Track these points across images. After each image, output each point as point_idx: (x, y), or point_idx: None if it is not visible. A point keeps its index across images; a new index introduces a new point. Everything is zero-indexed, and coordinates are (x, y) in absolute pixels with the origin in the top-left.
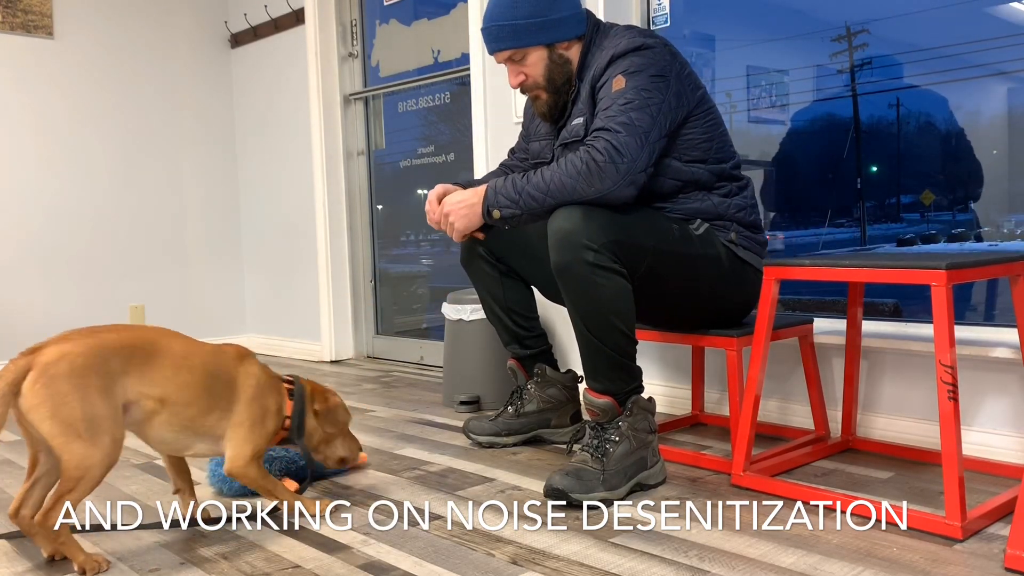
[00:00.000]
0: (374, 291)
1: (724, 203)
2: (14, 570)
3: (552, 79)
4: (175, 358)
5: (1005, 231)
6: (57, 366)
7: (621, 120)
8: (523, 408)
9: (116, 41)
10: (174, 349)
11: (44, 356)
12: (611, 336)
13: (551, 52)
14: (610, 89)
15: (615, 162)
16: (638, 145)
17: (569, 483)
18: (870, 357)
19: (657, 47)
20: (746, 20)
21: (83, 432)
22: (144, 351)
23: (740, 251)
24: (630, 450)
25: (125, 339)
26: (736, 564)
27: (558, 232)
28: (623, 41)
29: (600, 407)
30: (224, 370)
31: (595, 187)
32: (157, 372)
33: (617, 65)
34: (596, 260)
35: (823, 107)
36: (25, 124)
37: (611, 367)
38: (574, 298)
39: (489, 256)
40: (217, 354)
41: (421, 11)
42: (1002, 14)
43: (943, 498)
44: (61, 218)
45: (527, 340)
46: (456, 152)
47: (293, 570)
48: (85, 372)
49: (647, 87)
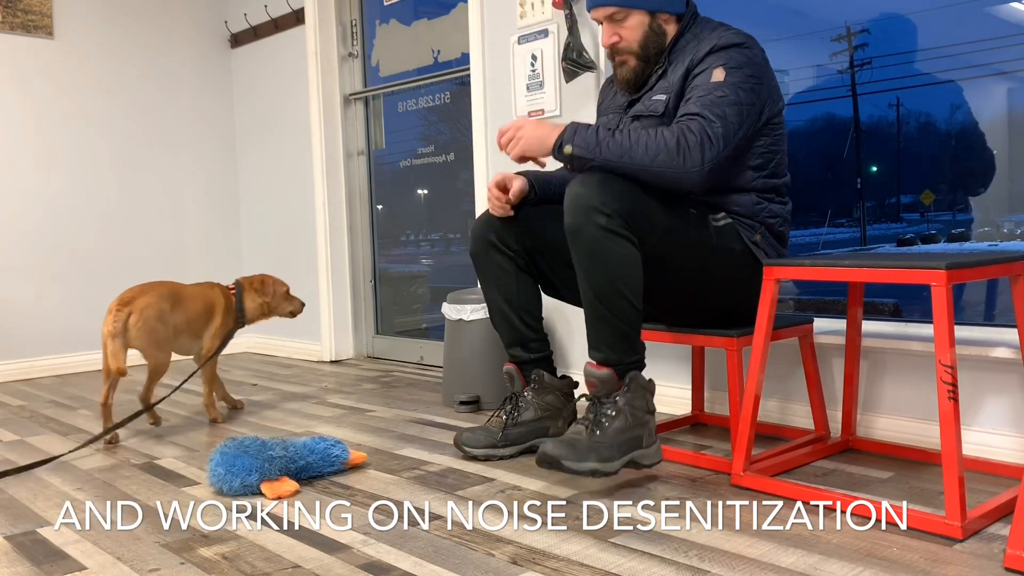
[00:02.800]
0: (374, 291)
1: (760, 205)
2: (14, 570)
3: (646, 47)
4: (191, 298)
5: (1005, 231)
6: (146, 311)
7: (717, 112)
8: (519, 416)
9: (116, 41)
10: (186, 292)
11: (138, 304)
12: (616, 302)
13: (653, 20)
14: (708, 78)
15: (704, 148)
16: (726, 140)
17: (562, 450)
18: (870, 357)
19: (756, 49)
20: (746, 20)
21: (161, 346)
22: (176, 295)
23: (759, 254)
24: (626, 426)
25: (168, 289)
26: (736, 564)
27: (572, 195)
28: (726, 34)
29: (599, 378)
30: (210, 299)
31: (676, 163)
32: (183, 307)
33: (719, 56)
34: (608, 224)
35: (823, 107)
36: (25, 124)
37: (614, 335)
38: (583, 262)
39: (505, 248)
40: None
41: (421, 11)
42: (1002, 14)
43: (943, 498)
44: (61, 218)
45: (532, 343)
46: (456, 152)
47: (293, 570)
48: (159, 312)
49: (744, 86)
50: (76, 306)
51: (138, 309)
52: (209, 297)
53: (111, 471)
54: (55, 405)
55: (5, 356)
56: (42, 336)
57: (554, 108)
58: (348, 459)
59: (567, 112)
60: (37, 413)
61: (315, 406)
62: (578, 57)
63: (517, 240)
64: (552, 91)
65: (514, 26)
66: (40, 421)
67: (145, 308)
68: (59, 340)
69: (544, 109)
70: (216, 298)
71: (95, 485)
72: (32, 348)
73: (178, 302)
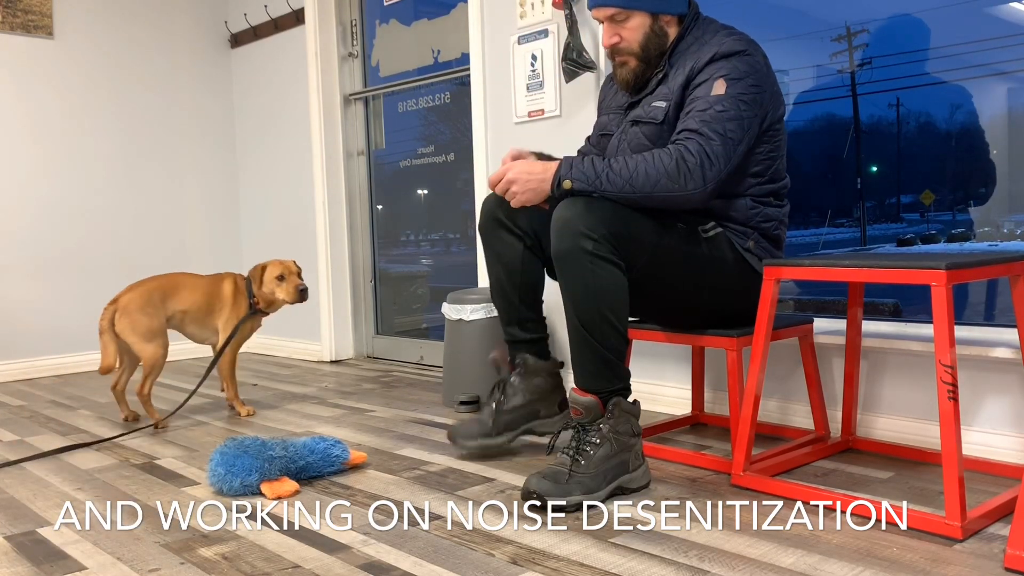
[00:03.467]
0: (374, 291)
1: (755, 210)
2: (14, 570)
3: (647, 48)
4: (189, 287)
5: (1005, 231)
6: (128, 307)
7: (716, 128)
8: (507, 403)
9: (116, 41)
10: (188, 282)
11: (121, 301)
12: (601, 329)
13: (654, 21)
14: (709, 90)
15: (704, 168)
16: (727, 157)
17: (545, 486)
18: (870, 357)
19: (758, 56)
20: (746, 20)
21: (147, 337)
22: (172, 285)
23: (753, 260)
24: (611, 453)
25: (160, 282)
26: (736, 564)
27: (559, 220)
28: (728, 41)
29: (583, 405)
30: (216, 288)
31: (678, 188)
32: (179, 297)
33: (720, 67)
34: (595, 249)
35: (823, 107)
36: (25, 124)
37: (598, 363)
38: (569, 286)
39: (515, 227)
40: (213, 280)
41: (421, 11)
42: (1002, 14)
43: (943, 498)
44: (61, 218)
45: (529, 323)
46: (456, 152)
47: (293, 570)
48: (143, 305)
49: (745, 99)
50: (76, 306)
51: (122, 304)
52: (212, 287)
53: (111, 471)
54: (55, 405)
55: (5, 356)
56: (42, 336)
57: (554, 108)
58: (348, 459)
59: (567, 112)
60: (37, 413)
61: (315, 406)
62: (578, 57)
63: (527, 221)
64: (552, 91)
65: (514, 26)
66: (40, 421)
67: (128, 303)
68: (59, 340)
69: (544, 109)
70: (222, 288)
71: (95, 485)
72: (32, 348)
73: (173, 293)
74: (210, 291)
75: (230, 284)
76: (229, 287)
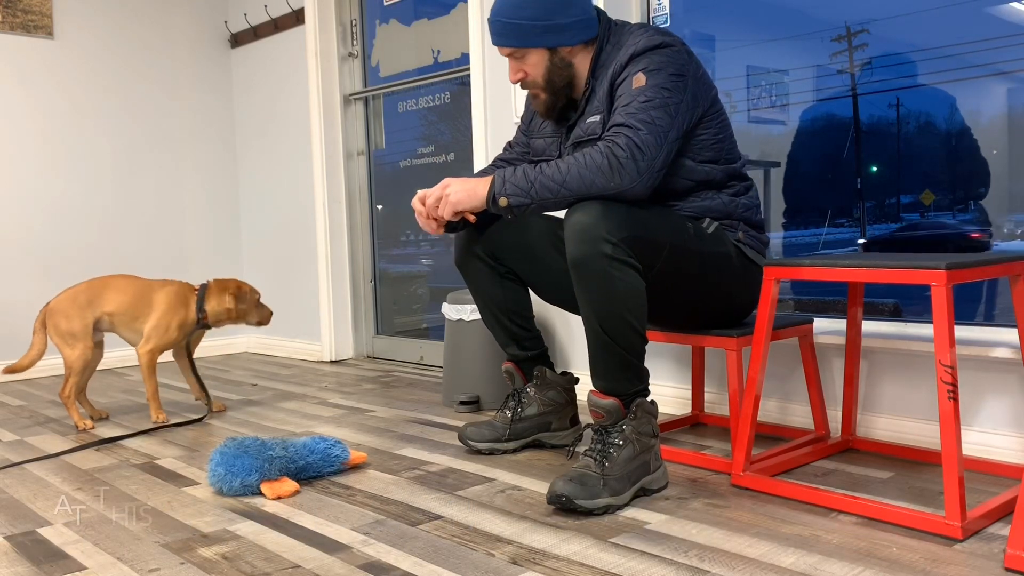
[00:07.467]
0: (374, 291)
1: (733, 202)
2: (14, 570)
3: (551, 81)
4: (117, 289)
5: (1005, 231)
6: (53, 308)
7: (642, 118)
8: (523, 412)
9: (116, 41)
10: (120, 285)
11: (51, 303)
12: (623, 333)
13: (552, 55)
14: (630, 86)
15: (635, 159)
16: (657, 144)
17: (573, 489)
18: (870, 357)
19: (676, 45)
20: (746, 20)
21: (66, 340)
22: (100, 288)
23: (747, 250)
24: (633, 454)
25: (91, 284)
26: (736, 564)
27: (576, 225)
28: (642, 39)
29: (605, 408)
30: (147, 293)
31: (614, 182)
32: (107, 300)
33: (637, 62)
34: (614, 254)
35: (823, 107)
36: (25, 124)
37: (620, 366)
38: (589, 293)
39: (487, 256)
40: (148, 284)
41: (421, 11)
42: (1002, 14)
43: (943, 498)
44: (61, 218)
45: (525, 342)
46: (456, 152)
47: (293, 570)
48: (65, 308)
49: (667, 86)
50: None
51: (51, 307)
52: (147, 292)
53: (111, 471)
54: (55, 405)
55: (5, 356)
56: None
57: None
58: (348, 459)
59: None
60: (37, 413)
61: (315, 406)
62: None
63: (494, 249)
64: None
65: None
66: (40, 421)
67: (56, 305)
68: None
69: None
70: (160, 294)
71: (95, 485)
72: None
73: (100, 295)
74: (140, 295)
75: (168, 292)
76: (164, 295)
